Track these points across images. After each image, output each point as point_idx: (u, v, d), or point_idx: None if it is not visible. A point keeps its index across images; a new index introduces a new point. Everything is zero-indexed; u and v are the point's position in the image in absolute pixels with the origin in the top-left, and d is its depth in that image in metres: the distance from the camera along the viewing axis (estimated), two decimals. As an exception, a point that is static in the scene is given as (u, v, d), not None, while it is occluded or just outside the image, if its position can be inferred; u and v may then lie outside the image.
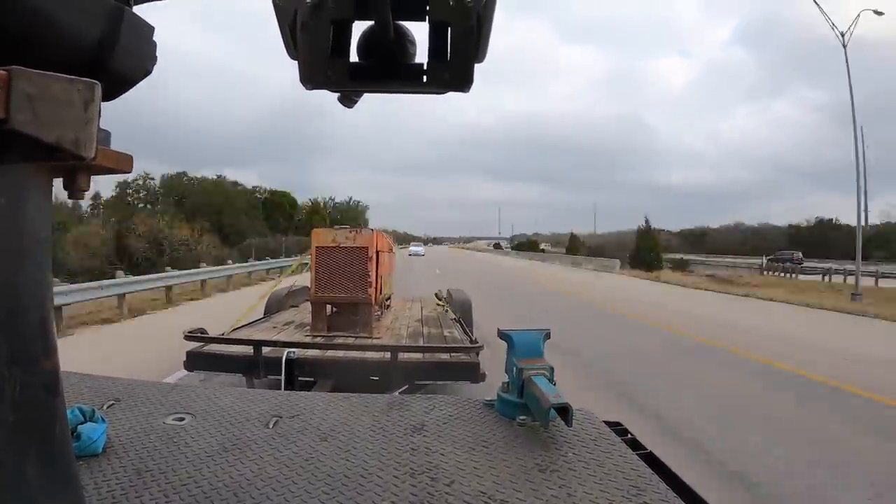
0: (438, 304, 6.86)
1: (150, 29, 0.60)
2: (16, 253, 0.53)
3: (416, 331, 5.11)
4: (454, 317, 5.91)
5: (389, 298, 6.55)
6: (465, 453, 1.19)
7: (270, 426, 1.33)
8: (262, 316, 5.84)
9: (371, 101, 1.00)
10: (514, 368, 1.39)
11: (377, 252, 4.83)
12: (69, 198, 0.57)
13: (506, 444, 1.25)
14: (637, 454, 1.22)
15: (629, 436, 1.36)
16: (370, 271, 4.66)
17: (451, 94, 0.90)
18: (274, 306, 6.18)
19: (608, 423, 1.39)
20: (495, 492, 1.03)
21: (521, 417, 1.36)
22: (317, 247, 4.71)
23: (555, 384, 1.32)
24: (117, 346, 7.50)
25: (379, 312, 5.49)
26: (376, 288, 4.80)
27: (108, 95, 0.55)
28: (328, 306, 4.89)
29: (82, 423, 1.16)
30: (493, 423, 1.38)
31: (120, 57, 0.55)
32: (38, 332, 0.57)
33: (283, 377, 3.49)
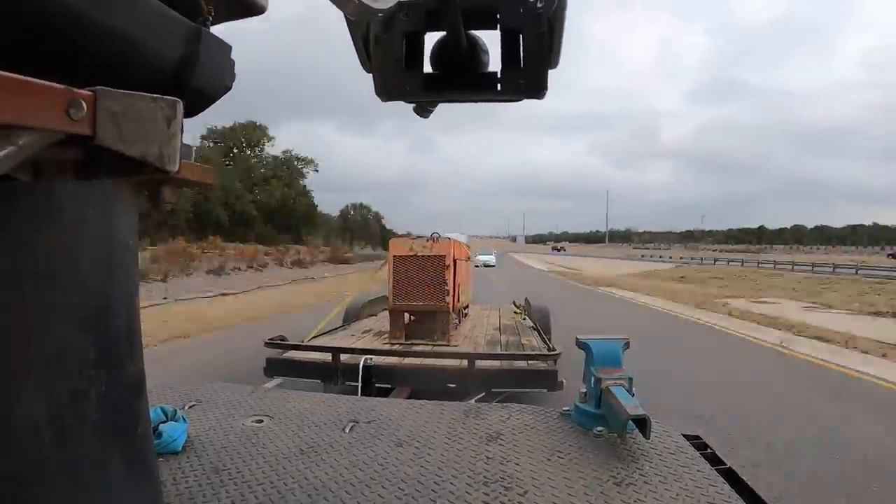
0: (516, 313, 6.80)
1: (228, 48, 0.63)
2: (105, 261, 0.57)
3: (493, 338, 5.08)
4: (532, 325, 5.84)
5: (468, 307, 6.56)
6: (540, 463, 1.17)
7: (346, 431, 1.35)
8: (340, 324, 6.01)
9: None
10: (592, 378, 1.35)
11: (455, 260, 4.85)
12: (154, 209, 0.60)
13: (581, 456, 1.21)
14: (716, 469, 1.15)
15: (708, 450, 1.29)
16: (448, 279, 4.67)
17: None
18: (352, 315, 6.32)
19: (687, 437, 1.33)
20: None
21: (598, 428, 1.31)
22: (394, 256, 4.79)
23: (633, 395, 1.27)
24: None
25: (457, 321, 5.51)
26: (454, 296, 4.81)
27: (191, 112, 0.58)
28: (406, 314, 4.95)
29: (164, 422, 1.21)
30: (570, 434, 1.35)
31: (200, 75, 0.58)
32: (125, 336, 0.61)
33: (360, 383, 3.55)
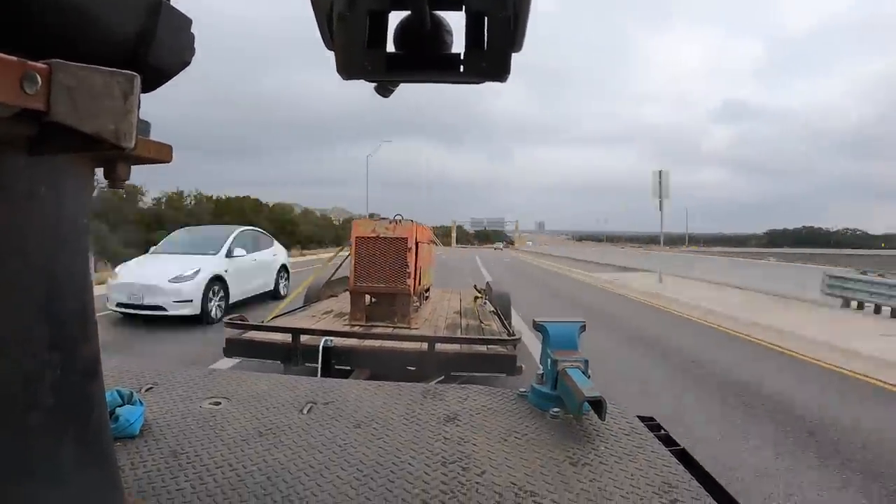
0: (476, 297, 6.86)
1: (188, 21, 0.62)
2: (55, 240, 0.56)
3: (454, 322, 5.11)
4: (492, 309, 5.90)
5: (429, 290, 6.56)
6: (497, 444, 1.19)
7: (305, 412, 1.35)
8: (301, 305, 5.94)
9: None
10: (549, 360, 1.38)
11: (416, 243, 4.85)
12: (109, 186, 0.59)
13: (538, 436, 1.24)
14: (669, 450, 1.20)
15: (662, 431, 1.34)
16: (409, 262, 4.68)
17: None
18: (313, 296, 6.27)
19: (641, 418, 1.37)
20: (526, 483, 1.03)
21: (555, 410, 1.34)
22: (356, 237, 4.76)
23: (589, 377, 1.31)
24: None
25: (417, 303, 5.51)
26: (415, 279, 4.82)
27: (149, 87, 0.57)
28: (367, 296, 4.93)
29: (120, 406, 1.19)
30: (527, 415, 1.38)
31: (158, 50, 0.57)
32: (78, 317, 0.60)
33: (319, 365, 3.54)
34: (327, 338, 3.67)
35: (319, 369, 3.53)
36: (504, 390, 1.57)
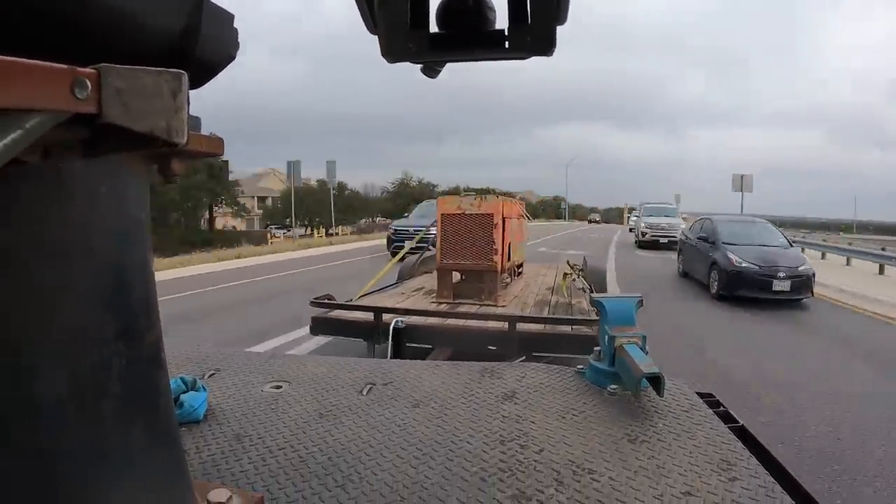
0: (567, 274, 6.69)
1: (230, 16, 0.63)
2: (119, 235, 0.59)
3: (543, 300, 5.00)
4: (583, 286, 5.71)
5: (521, 265, 6.48)
6: (555, 422, 1.20)
7: (364, 393, 1.38)
8: (394, 282, 6.06)
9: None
10: (606, 336, 1.36)
11: (504, 219, 4.79)
12: (164, 182, 0.61)
13: (596, 414, 1.23)
14: (728, 427, 1.16)
15: (721, 408, 1.29)
16: (495, 238, 4.63)
17: None
18: (406, 273, 6.39)
19: (700, 395, 1.33)
20: (584, 461, 1.02)
21: (613, 386, 1.33)
22: (442, 214, 4.78)
23: (647, 353, 1.28)
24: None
25: (508, 279, 5.47)
26: (502, 255, 4.77)
27: (196, 83, 0.59)
28: (455, 273, 4.96)
29: (185, 392, 1.23)
30: (584, 392, 1.37)
31: (203, 46, 0.58)
32: (143, 307, 0.62)
33: (389, 345, 3.56)
34: (399, 319, 3.68)
35: (390, 350, 3.56)
36: (561, 367, 1.56)
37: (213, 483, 0.90)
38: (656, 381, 1.19)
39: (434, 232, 5.11)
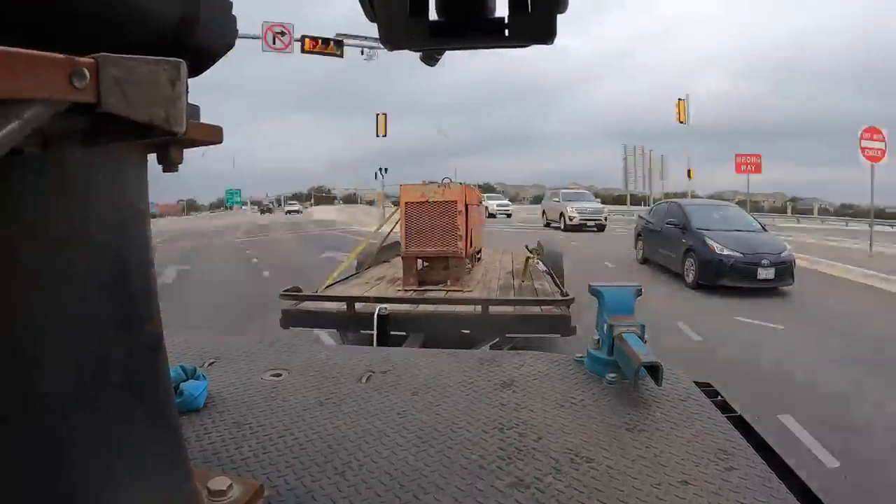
0: (529, 257, 6.81)
1: (229, 4, 0.62)
2: (118, 225, 0.58)
3: (506, 283, 5.10)
4: (545, 269, 5.85)
5: (480, 251, 6.57)
6: (553, 409, 1.20)
7: (363, 381, 1.38)
8: (354, 272, 6.05)
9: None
10: (605, 325, 1.36)
11: (466, 205, 4.83)
12: (164, 171, 0.60)
13: (594, 402, 1.24)
14: (726, 416, 1.18)
15: (719, 397, 1.31)
16: (460, 225, 4.68)
17: None
18: (366, 262, 6.37)
19: (698, 384, 1.35)
20: (582, 449, 1.03)
21: (611, 375, 1.33)
22: (406, 202, 4.78)
23: (646, 342, 1.28)
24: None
25: (469, 266, 5.53)
26: (466, 241, 4.83)
27: (194, 72, 0.58)
28: (419, 261, 4.98)
29: (185, 381, 1.22)
30: (583, 381, 1.37)
31: (201, 34, 0.57)
32: (143, 297, 0.62)
33: (374, 332, 3.59)
34: (382, 305, 3.70)
35: (375, 337, 3.58)
36: (560, 356, 1.56)
37: (214, 471, 0.90)
38: (654, 371, 1.19)
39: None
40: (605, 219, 23.14)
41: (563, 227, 23.20)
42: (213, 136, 0.64)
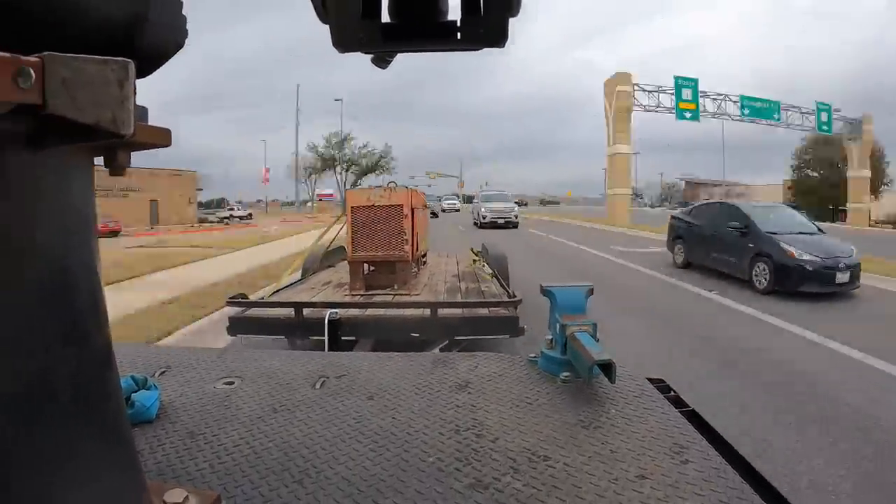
0: (474, 260, 6.87)
1: (179, 3, 0.61)
2: (63, 232, 0.55)
3: (453, 286, 5.14)
4: (490, 271, 5.93)
5: (425, 255, 6.59)
6: (509, 410, 1.21)
7: (318, 387, 1.36)
8: (299, 278, 5.96)
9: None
10: (557, 325, 1.38)
11: (412, 209, 4.85)
12: (111, 174, 0.59)
13: (549, 401, 1.25)
14: (679, 411, 1.21)
15: (672, 393, 1.34)
16: (406, 229, 4.69)
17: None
18: (311, 268, 6.29)
19: (651, 380, 1.38)
20: (539, 448, 1.04)
21: (565, 374, 1.35)
22: (352, 207, 4.75)
23: (598, 340, 1.31)
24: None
25: (416, 269, 5.54)
26: (413, 245, 4.84)
27: (143, 72, 0.56)
28: (365, 265, 4.95)
29: (136, 391, 1.18)
30: (537, 380, 1.39)
31: (151, 34, 0.56)
32: (90, 307, 0.59)
33: (326, 338, 3.55)
34: (332, 310, 3.67)
35: (326, 342, 3.55)
36: (514, 356, 1.58)
37: (169, 483, 0.87)
38: (608, 368, 1.20)
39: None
40: (516, 217, 27.80)
41: (478, 224, 26.60)
42: (160, 138, 0.62)
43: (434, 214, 40.03)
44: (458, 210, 54.40)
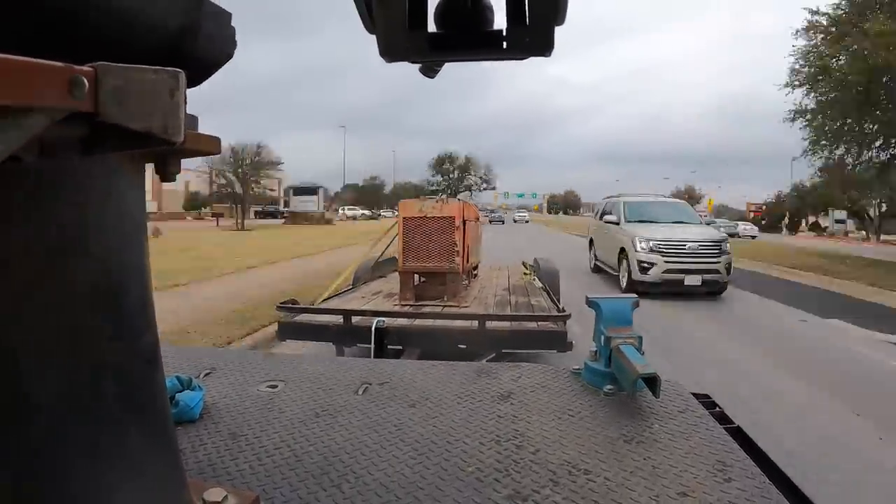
0: (525, 274, 6.80)
1: (228, 15, 0.63)
2: (115, 235, 0.58)
3: (503, 299, 5.09)
4: (541, 286, 5.85)
5: (477, 267, 6.56)
6: (551, 422, 1.19)
7: (360, 393, 1.37)
8: (350, 286, 6.04)
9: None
10: (602, 337, 1.35)
11: (464, 221, 4.84)
12: (162, 181, 0.61)
13: (592, 414, 1.23)
14: (724, 428, 1.17)
15: (717, 409, 1.30)
16: (457, 240, 4.68)
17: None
18: (362, 277, 6.35)
19: (696, 395, 1.34)
20: (580, 461, 1.02)
21: (609, 387, 1.32)
22: (404, 217, 4.79)
23: (643, 353, 1.28)
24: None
25: (466, 281, 5.52)
26: (464, 257, 4.83)
27: (193, 82, 0.58)
28: (416, 276, 4.98)
29: (180, 392, 1.21)
30: (580, 393, 1.36)
31: (201, 45, 0.58)
32: (140, 308, 0.62)
33: (372, 345, 3.58)
34: (380, 319, 3.69)
35: (373, 350, 3.57)
36: (557, 368, 1.55)
37: (209, 482, 0.89)
38: (652, 382, 1.18)
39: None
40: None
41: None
42: (210, 146, 0.64)
43: (501, 221, 59.49)
44: (527, 221, 65.36)
